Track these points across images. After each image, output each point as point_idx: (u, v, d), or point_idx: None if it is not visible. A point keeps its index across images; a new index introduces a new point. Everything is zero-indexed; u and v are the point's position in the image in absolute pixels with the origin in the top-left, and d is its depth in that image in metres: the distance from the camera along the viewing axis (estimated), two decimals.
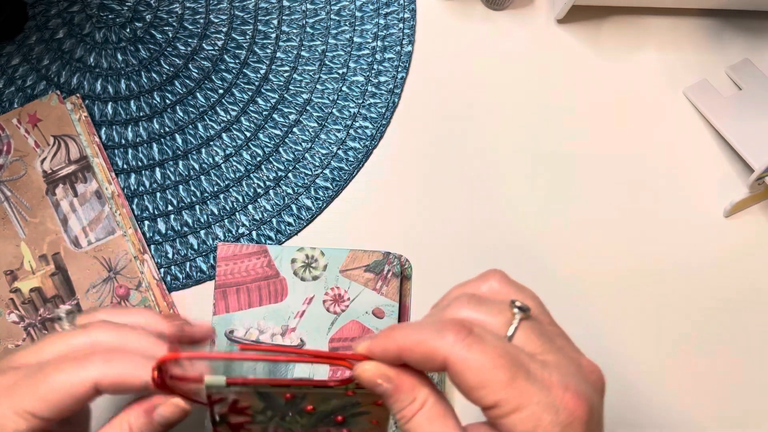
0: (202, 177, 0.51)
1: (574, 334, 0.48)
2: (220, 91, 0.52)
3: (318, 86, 0.53)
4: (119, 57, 0.53)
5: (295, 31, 0.54)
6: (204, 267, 0.49)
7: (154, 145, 0.51)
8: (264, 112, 0.52)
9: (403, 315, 0.47)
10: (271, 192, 0.50)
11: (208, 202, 0.50)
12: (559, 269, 0.49)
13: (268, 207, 0.50)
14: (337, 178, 0.50)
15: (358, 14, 0.54)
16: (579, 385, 0.26)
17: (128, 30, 0.53)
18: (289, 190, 0.50)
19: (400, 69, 0.53)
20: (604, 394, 0.27)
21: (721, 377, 0.46)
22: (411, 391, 0.27)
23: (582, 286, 0.48)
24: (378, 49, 0.53)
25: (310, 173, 0.51)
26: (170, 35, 0.53)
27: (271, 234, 0.49)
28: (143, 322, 0.32)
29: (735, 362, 0.47)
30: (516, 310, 0.27)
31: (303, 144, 0.51)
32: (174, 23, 0.54)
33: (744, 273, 0.49)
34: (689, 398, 0.46)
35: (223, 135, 0.51)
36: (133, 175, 0.51)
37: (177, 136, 0.51)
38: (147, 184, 0.50)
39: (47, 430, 0.28)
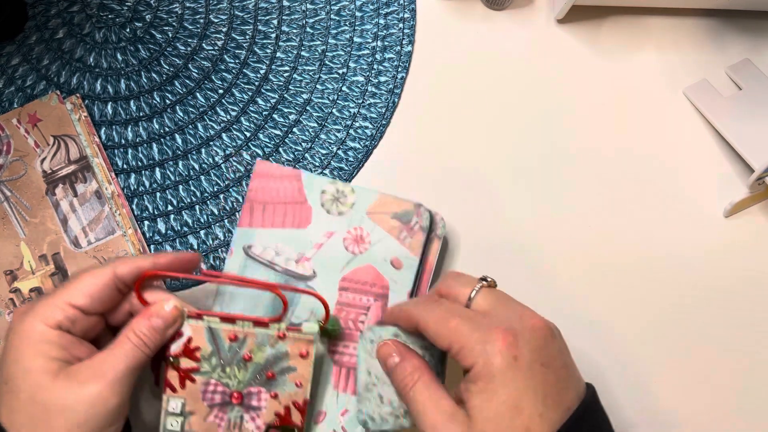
0: (202, 177, 0.51)
1: (573, 334, 0.48)
2: (220, 91, 0.52)
3: (318, 86, 0.53)
4: (119, 57, 0.53)
5: (295, 31, 0.54)
6: (204, 267, 0.49)
7: (154, 145, 0.51)
8: (264, 112, 0.52)
9: (423, 272, 0.46)
10: None
11: (208, 202, 0.50)
12: (559, 269, 0.49)
13: None
14: (337, 178, 0.50)
15: (358, 14, 0.54)
16: (510, 323, 0.33)
17: (128, 30, 0.53)
18: None
19: (400, 69, 0.53)
20: (547, 333, 0.34)
21: (721, 377, 0.46)
22: (411, 364, 0.36)
23: (582, 285, 0.48)
24: (378, 49, 0.53)
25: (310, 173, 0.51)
26: (170, 35, 0.53)
27: None
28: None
29: (736, 362, 0.47)
30: (480, 281, 0.36)
31: (303, 144, 0.51)
32: (174, 23, 0.54)
33: (744, 273, 0.49)
34: (689, 398, 0.46)
35: (223, 135, 0.51)
36: (133, 175, 0.51)
37: (177, 136, 0.51)
38: (147, 184, 0.50)
39: (82, 328, 0.35)
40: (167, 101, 0.52)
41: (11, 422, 0.32)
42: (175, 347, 0.38)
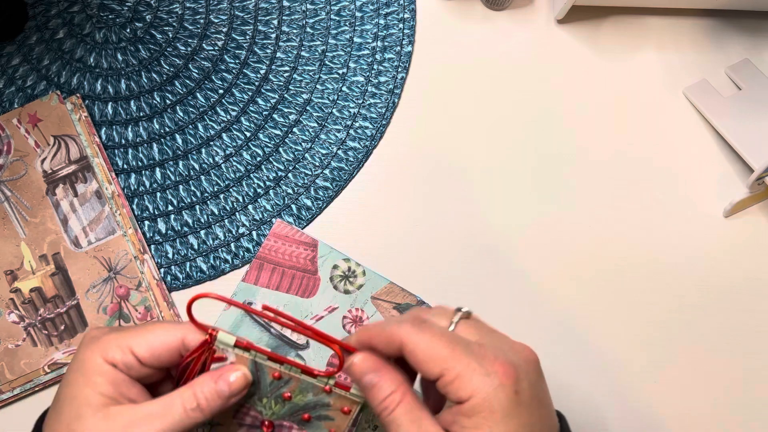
0: (202, 177, 0.51)
1: (573, 334, 0.48)
2: (220, 91, 0.52)
3: (318, 86, 0.53)
4: (119, 57, 0.53)
5: (295, 31, 0.54)
6: (204, 267, 0.49)
7: (154, 145, 0.51)
8: (264, 112, 0.52)
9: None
10: (271, 192, 0.50)
11: (208, 202, 0.50)
12: (558, 269, 0.49)
13: (268, 207, 0.50)
14: (337, 178, 0.50)
15: (358, 14, 0.54)
16: (507, 356, 0.31)
17: (128, 30, 0.53)
18: (289, 190, 0.50)
19: (400, 69, 0.53)
20: (539, 366, 0.32)
21: (721, 377, 0.46)
22: (392, 383, 0.32)
23: (582, 285, 0.48)
24: (378, 49, 0.53)
25: (310, 173, 0.51)
26: (170, 35, 0.53)
27: None
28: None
29: (736, 362, 0.47)
30: (457, 312, 0.33)
31: (303, 144, 0.51)
32: (174, 23, 0.54)
33: (744, 273, 0.49)
34: (688, 398, 0.46)
35: (223, 135, 0.51)
36: (133, 175, 0.51)
37: (177, 136, 0.51)
38: (147, 184, 0.50)
39: (136, 375, 0.33)
40: (167, 101, 0.52)
41: None
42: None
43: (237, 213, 0.50)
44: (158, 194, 0.50)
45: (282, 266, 0.45)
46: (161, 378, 0.36)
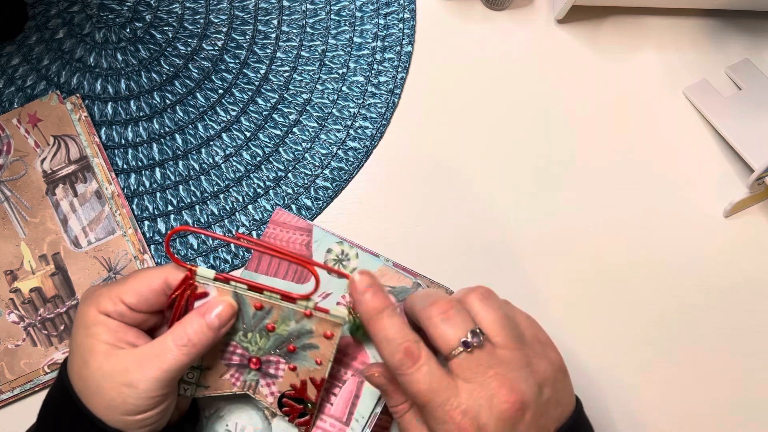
0: (202, 177, 0.51)
1: (572, 335, 0.48)
2: (220, 91, 0.52)
3: (318, 86, 0.53)
4: (119, 57, 0.53)
5: (295, 31, 0.54)
6: (204, 267, 0.49)
7: (154, 145, 0.51)
8: (264, 112, 0.52)
9: None
10: (271, 192, 0.50)
11: (208, 202, 0.50)
12: (558, 268, 0.49)
13: (268, 207, 0.50)
14: (337, 179, 0.50)
15: (358, 14, 0.54)
16: (513, 385, 0.33)
17: (128, 30, 0.53)
18: (289, 190, 0.50)
19: (400, 69, 0.53)
20: (559, 373, 0.35)
21: (721, 378, 0.46)
22: (403, 395, 0.36)
23: (581, 285, 0.48)
24: (378, 49, 0.53)
25: (310, 173, 0.51)
26: (170, 35, 0.53)
27: None
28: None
29: (734, 362, 0.47)
30: (461, 346, 0.33)
31: (303, 144, 0.51)
32: (174, 23, 0.54)
33: (744, 273, 0.49)
34: (688, 398, 0.46)
35: (223, 135, 0.51)
36: (133, 175, 0.51)
37: (177, 136, 0.51)
38: (147, 184, 0.50)
39: (130, 321, 0.36)
40: (167, 101, 0.52)
41: (73, 384, 0.35)
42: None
43: (237, 213, 0.50)
44: (158, 194, 0.50)
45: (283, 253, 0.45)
46: (159, 322, 0.38)
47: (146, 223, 0.49)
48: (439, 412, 0.32)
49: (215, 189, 0.50)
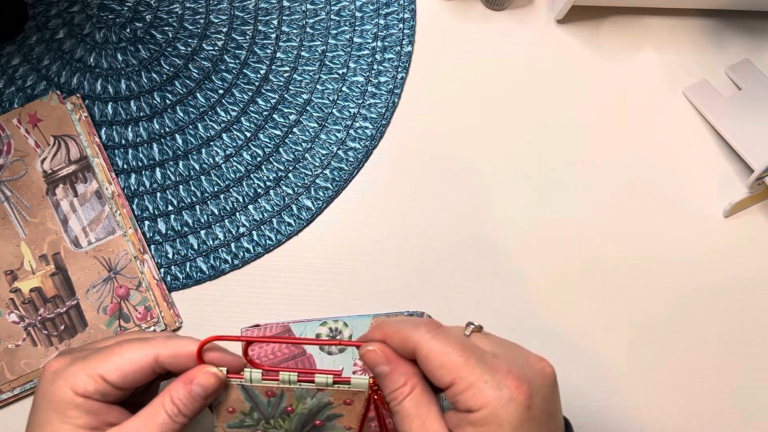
0: (203, 177, 0.51)
1: (571, 334, 0.48)
2: (220, 92, 0.52)
3: (318, 86, 0.53)
4: (119, 57, 0.53)
5: (295, 31, 0.54)
6: (204, 267, 0.49)
7: (155, 145, 0.51)
8: (264, 113, 0.52)
9: None
10: (271, 192, 0.50)
11: (209, 202, 0.50)
12: (558, 268, 0.49)
13: (268, 207, 0.50)
14: (337, 179, 0.50)
15: (358, 14, 0.54)
16: (522, 370, 0.30)
17: (128, 30, 0.53)
18: (289, 191, 0.50)
19: (400, 69, 0.53)
20: (554, 380, 0.32)
21: (720, 378, 0.46)
22: (404, 375, 0.32)
23: (581, 285, 0.48)
24: (378, 49, 0.53)
25: (310, 173, 0.51)
26: (170, 35, 0.53)
27: (271, 235, 0.49)
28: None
29: (734, 362, 0.47)
30: (469, 326, 0.33)
31: (303, 144, 0.51)
32: (174, 23, 0.54)
33: (744, 273, 0.49)
34: (688, 398, 0.46)
35: (224, 135, 0.51)
36: (133, 175, 0.51)
37: (177, 136, 0.51)
38: (147, 184, 0.50)
39: (113, 399, 0.33)
40: (167, 101, 0.52)
41: None
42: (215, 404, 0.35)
43: (237, 213, 0.50)
44: (158, 194, 0.50)
45: (272, 365, 0.44)
46: (139, 392, 0.35)
47: (146, 223, 0.50)
48: (486, 379, 0.30)
49: (215, 189, 0.50)
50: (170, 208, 0.50)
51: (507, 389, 0.29)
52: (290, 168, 0.51)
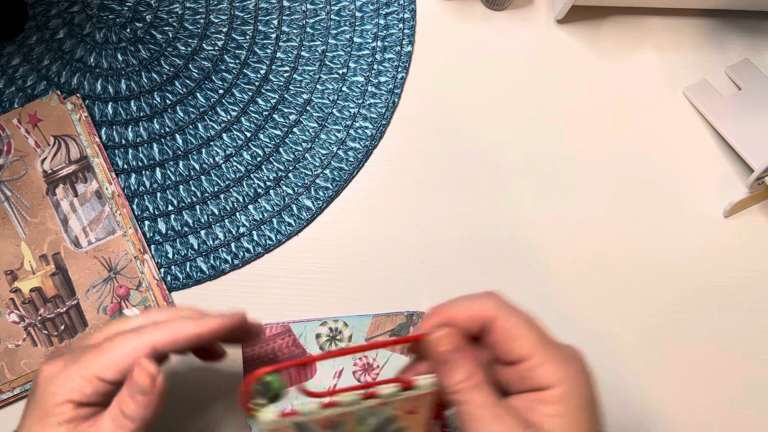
0: (203, 177, 0.51)
1: (571, 333, 0.48)
2: (221, 92, 0.52)
3: (318, 86, 0.53)
4: (119, 57, 0.53)
5: (295, 31, 0.54)
6: (204, 267, 0.49)
7: (155, 145, 0.51)
8: (264, 113, 0.52)
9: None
10: (271, 192, 0.50)
11: (209, 202, 0.50)
12: (558, 268, 0.49)
13: (269, 207, 0.50)
14: (337, 179, 0.50)
15: (358, 14, 0.54)
16: (570, 348, 0.32)
17: (128, 30, 0.53)
18: (290, 191, 0.50)
19: (400, 69, 0.53)
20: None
21: (720, 378, 0.46)
22: (472, 366, 0.30)
23: (581, 285, 0.48)
24: (378, 49, 0.53)
25: (310, 173, 0.51)
26: (170, 35, 0.54)
27: (272, 235, 0.49)
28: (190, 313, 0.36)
29: (734, 362, 0.47)
30: None
31: (303, 144, 0.51)
32: (174, 23, 0.54)
33: (744, 273, 0.49)
34: (688, 398, 0.46)
35: (224, 135, 0.51)
36: (133, 175, 0.51)
37: (177, 136, 0.51)
38: (147, 184, 0.50)
39: (114, 394, 0.32)
40: (167, 101, 0.52)
41: None
42: None
43: (237, 213, 0.50)
44: (158, 194, 0.50)
45: (278, 362, 0.44)
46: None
47: (146, 223, 0.50)
48: (558, 356, 0.30)
49: (215, 189, 0.50)
50: (170, 208, 0.50)
51: (576, 368, 0.30)
52: (290, 168, 0.51)
